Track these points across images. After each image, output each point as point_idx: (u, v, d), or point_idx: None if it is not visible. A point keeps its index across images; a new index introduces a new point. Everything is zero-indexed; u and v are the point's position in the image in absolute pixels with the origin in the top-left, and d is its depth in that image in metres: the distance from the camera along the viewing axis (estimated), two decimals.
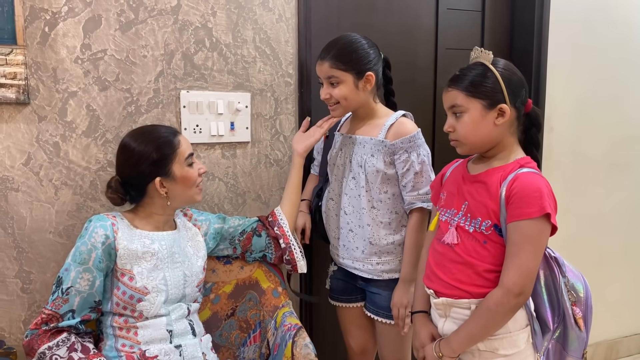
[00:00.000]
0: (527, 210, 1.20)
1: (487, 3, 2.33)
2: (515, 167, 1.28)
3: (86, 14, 1.59)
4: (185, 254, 1.50)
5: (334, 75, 1.56)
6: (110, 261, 1.36)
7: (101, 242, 1.34)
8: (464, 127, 1.30)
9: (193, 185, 1.47)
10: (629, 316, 2.74)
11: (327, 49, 1.59)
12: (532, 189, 1.21)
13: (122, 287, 1.36)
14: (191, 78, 1.74)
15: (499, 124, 1.29)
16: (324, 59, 1.57)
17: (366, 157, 1.61)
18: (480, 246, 1.28)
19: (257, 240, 1.63)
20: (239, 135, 1.83)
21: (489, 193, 1.27)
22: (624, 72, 2.52)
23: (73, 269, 1.32)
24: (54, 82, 1.57)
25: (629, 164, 2.61)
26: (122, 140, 1.47)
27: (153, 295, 1.38)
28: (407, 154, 1.58)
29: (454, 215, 1.35)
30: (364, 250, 1.65)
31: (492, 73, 1.28)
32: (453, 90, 1.31)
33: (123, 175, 1.44)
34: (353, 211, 1.65)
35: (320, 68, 1.59)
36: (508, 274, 1.23)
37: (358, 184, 1.63)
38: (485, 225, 1.27)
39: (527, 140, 1.38)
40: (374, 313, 1.70)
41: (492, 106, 1.28)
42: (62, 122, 1.60)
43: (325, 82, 1.61)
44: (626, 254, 2.69)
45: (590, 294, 1.33)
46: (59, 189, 1.61)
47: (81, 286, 1.32)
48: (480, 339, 1.27)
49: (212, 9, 1.74)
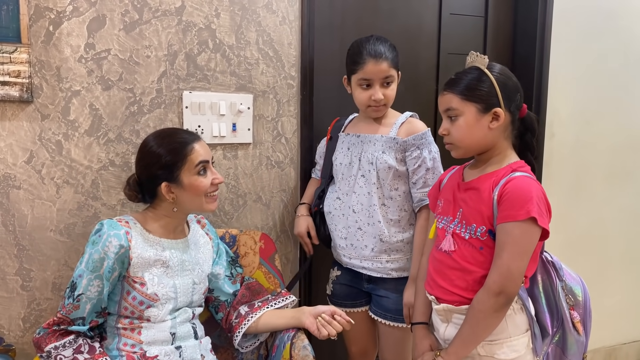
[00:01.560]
0: (513, 212, 1.21)
1: (490, 9, 2.33)
2: (508, 171, 1.28)
3: (91, 14, 1.60)
4: (197, 260, 1.49)
5: (391, 74, 1.61)
6: (123, 269, 1.36)
7: (114, 252, 1.33)
8: (458, 130, 1.31)
9: (202, 195, 1.43)
10: (628, 323, 2.74)
11: (381, 46, 1.61)
12: (521, 192, 1.22)
13: (132, 292, 1.36)
14: (194, 79, 1.75)
15: (493, 128, 1.29)
16: (380, 58, 1.59)
17: (377, 154, 1.62)
18: (476, 252, 1.28)
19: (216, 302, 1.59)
20: (240, 137, 1.84)
21: (482, 199, 1.28)
22: (624, 80, 2.52)
23: (86, 276, 1.32)
24: (58, 80, 1.58)
25: (629, 171, 2.61)
26: (145, 138, 1.46)
27: (162, 302, 1.38)
28: (419, 150, 1.61)
29: (450, 222, 1.35)
30: (374, 248, 1.65)
31: (487, 77, 1.29)
32: (448, 93, 1.32)
33: (137, 174, 1.45)
34: (362, 209, 1.65)
35: (380, 68, 1.60)
36: (490, 274, 1.24)
37: (368, 181, 1.64)
38: (480, 231, 1.27)
39: (522, 145, 1.39)
40: (381, 316, 1.70)
41: (486, 110, 1.29)
42: (64, 121, 1.60)
43: (379, 83, 1.61)
44: (625, 261, 2.68)
45: (589, 298, 1.33)
46: (60, 188, 1.62)
47: (91, 293, 1.32)
48: (473, 342, 1.27)
49: (216, 11, 1.75)
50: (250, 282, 1.61)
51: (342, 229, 1.71)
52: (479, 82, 1.29)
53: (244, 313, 1.54)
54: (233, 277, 1.59)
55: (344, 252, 1.72)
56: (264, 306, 1.56)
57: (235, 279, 1.59)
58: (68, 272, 1.65)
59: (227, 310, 1.56)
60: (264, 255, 1.71)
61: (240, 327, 1.52)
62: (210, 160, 1.45)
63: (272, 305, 1.57)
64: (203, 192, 1.43)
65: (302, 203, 1.85)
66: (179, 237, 1.48)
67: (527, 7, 2.34)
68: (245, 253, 1.71)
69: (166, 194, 1.40)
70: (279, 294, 1.63)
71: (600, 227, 2.58)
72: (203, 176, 1.43)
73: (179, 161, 1.39)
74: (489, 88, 1.28)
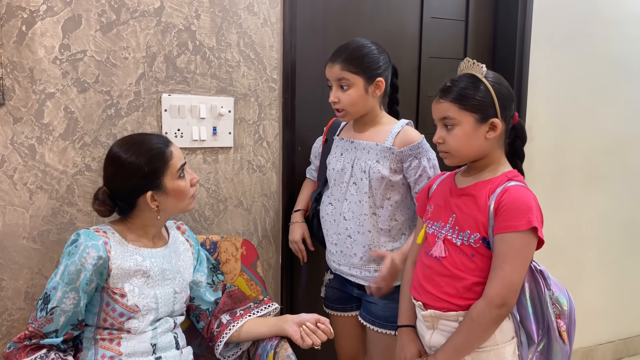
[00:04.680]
0: (514, 222, 1.20)
1: (471, 13, 2.34)
2: (504, 180, 1.28)
3: (65, 14, 1.54)
4: (177, 269, 1.45)
5: (344, 77, 1.56)
6: (101, 280, 1.31)
7: (92, 264, 1.28)
8: (455, 140, 1.29)
9: (186, 197, 1.41)
10: (604, 324, 2.78)
11: (339, 52, 1.59)
12: (520, 202, 1.22)
13: (112, 304, 1.31)
14: (173, 81, 1.71)
15: (490, 138, 1.29)
16: (335, 61, 1.57)
17: (371, 162, 1.60)
18: (467, 259, 1.27)
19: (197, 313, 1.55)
20: (221, 141, 1.80)
21: (478, 206, 1.27)
22: (602, 84, 2.56)
23: (60, 288, 1.26)
24: (31, 82, 1.52)
25: (606, 174, 2.65)
26: (110, 150, 1.39)
27: (143, 314, 1.34)
28: (417, 160, 1.58)
29: (441, 228, 1.34)
30: (363, 257, 1.64)
31: (485, 87, 1.28)
32: (445, 102, 1.30)
33: (112, 188, 1.38)
34: (353, 217, 1.63)
35: (331, 70, 1.59)
36: (491, 285, 1.23)
37: (360, 189, 1.61)
38: (474, 237, 1.26)
39: (512, 152, 1.39)
40: (369, 322, 1.69)
41: (484, 120, 1.28)
42: (38, 124, 1.54)
43: (335, 85, 1.60)
44: (601, 263, 2.72)
45: (574, 308, 1.34)
46: (33, 193, 1.56)
47: (66, 306, 1.27)
48: (466, 351, 1.27)
49: (196, 12, 1.71)
50: (232, 289, 1.57)
51: (333, 234, 1.69)
52: (477, 91, 1.28)
53: (226, 322, 1.50)
54: (214, 285, 1.55)
55: (334, 258, 1.71)
56: (246, 314, 1.53)
57: (216, 286, 1.56)
58: (42, 280, 1.59)
59: (208, 319, 1.52)
60: (246, 262, 1.68)
61: (222, 336, 1.49)
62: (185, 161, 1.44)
63: (254, 313, 1.54)
64: (187, 194, 1.41)
65: (297, 210, 1.83)
66: (158, 245, 1.44)
67: (507, 12, 2.35)
68: (226, 260, 1.67)
69: (151, 203, 1.35)
70: (262, 301, 1.60)
71: (576, 230, 2.62)
72: (183, 179, 1.41)
73: (160, 168, 1.35)
74: (486, 98, 1.27)
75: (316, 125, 1.93)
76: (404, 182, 1.62)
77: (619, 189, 2.70)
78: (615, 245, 2.75)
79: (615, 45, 2.56)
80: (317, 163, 1.83)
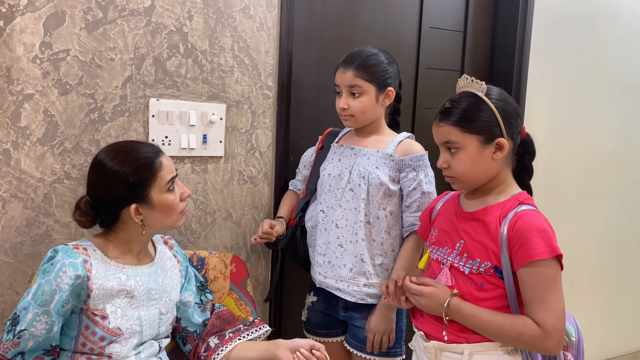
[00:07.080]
0: (538, 251, 1.14)
1: (469, 24, 2.29)
2: (515, 204, 1.21)
3: (48, 9, 1.43)
4: (164, 288, 1.34)
5: (357, 84, 1.54)
6: (79, 301, 1.19)
7: (69, 284, 1.16)
8: (460, 164, 1.23)
9: (174, 213, 1.30)
10: (595, 342, 2.74)
11: (352, 58, 1.56)
12: (538, 229, 1.16)
13: (92, 327, 1.20)
14: (162, 85, 1.60)
15: (497, 159, 1.22)
16: (349, 67, 1.54)
17: (370, 168, 1.55)
18: (476, 289, 1.20)
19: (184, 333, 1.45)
20: (211, 149, 1.70)
21: (489, 233, 1.20)
22: (598, 100, 2.54)
23: (32, 309, 1.15)
24: (8, 82, 1.40)
25: (599, 191, 2.62)
26: (96, 156, 1.29)
27: (126, 337, 1.23)
28: (415, 172, 1.54)
29: (447, 254, 1.27)
30: (352, 269, 1.56)
31: (487, 105, 1.21)
32: (445, 125, 1.23)
33: (94, 197, 1.27)
34: (347, 224, 1.57)
35: (343, 76, 1.55)
36: (544, 316, 1.14)
37: (357, 195, 1.55)
38: (485, 266, 1.19)
39: (520, 168, 1.32)
40: (356, 348, 1.61)
41: (489, 141, 1.21)
42: (14, 128, 1.43)
43: (345, 91, 1.56)
44: (592, 281, 2.70)
45: (582, 338, 1.28)
46: (7, 202, 1.44)
47: (37, 330, 1.15)
48: (486, 334, 1.19)
49: (189, 13, 1.61)
50: (221, 310, 1.47)
51: (322, 244, 1.61)
52: (478, 111, 1.21)
53: (214, 345, 1.40)
54: (203, 305, 1.45)
55: (320, 270, 1.62)
56: (235, 337, 1.43)
57: (205, 306, 1.45)
58: (14, 297, 1.47)
59: (195, 342, 1.42)
60: (235, 280, 1.58)
61: None
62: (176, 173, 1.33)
63: (244, 336, 1.44)
64: (175, 209, 1.30)
65: (279, 217, 1.73)
66: (143, 262, 1.33)
67: (506, 24, 2.31)
68: (214, 277, 1.57)
69: (135, 216, 1.25)
70: (252, 323, 1.50)
71: (569, 246, 2.57)
72: (173, 192, 1.30)
73: (147, 179, 1.25)
74: (489, 117, 1.20)
75: (311, 135, 1.85)
76: (400, 195, 1.58)
77: (611, 206, 2.68)
78: (607, 264, 2.72)
79: (612, 60, 2.55)
80: (305, 173, 1.77)
